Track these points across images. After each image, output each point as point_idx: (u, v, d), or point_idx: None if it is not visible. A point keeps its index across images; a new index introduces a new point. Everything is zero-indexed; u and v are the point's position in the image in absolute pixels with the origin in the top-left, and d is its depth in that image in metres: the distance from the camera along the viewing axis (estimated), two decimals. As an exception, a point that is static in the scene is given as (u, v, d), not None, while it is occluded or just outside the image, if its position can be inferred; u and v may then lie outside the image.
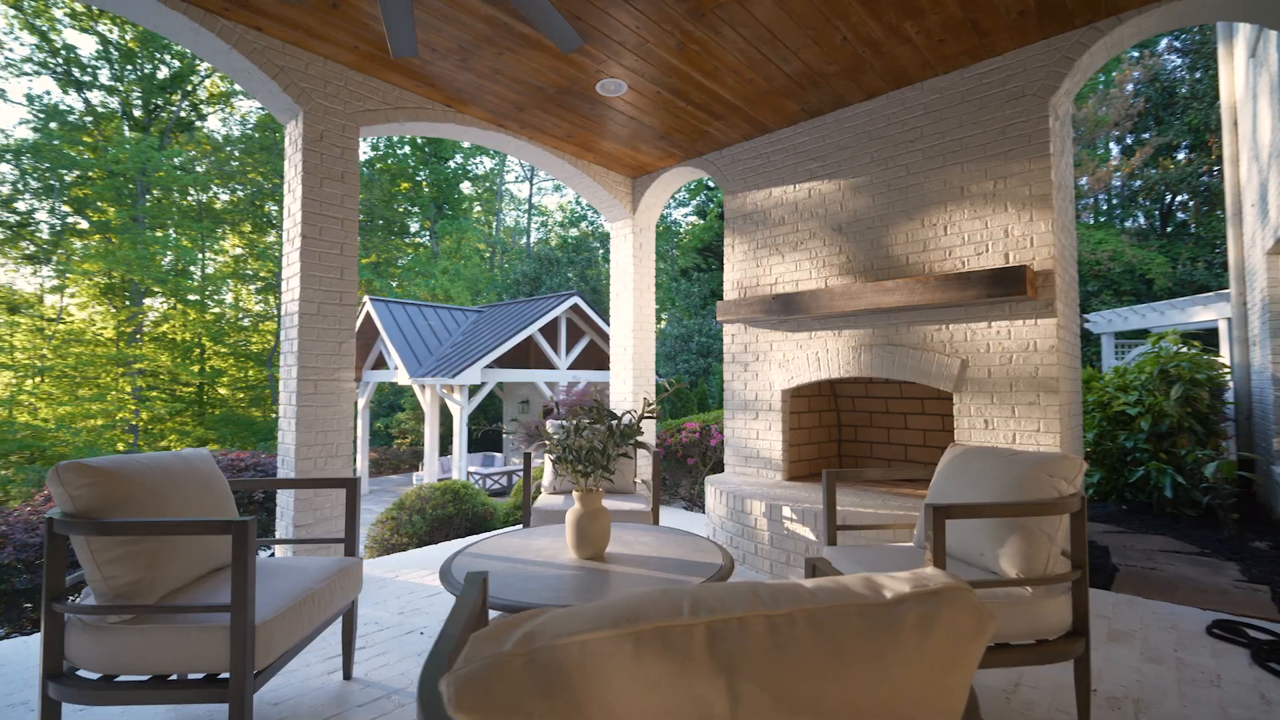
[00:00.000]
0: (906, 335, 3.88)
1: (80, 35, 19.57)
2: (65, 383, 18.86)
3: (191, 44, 3.27)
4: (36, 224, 19.77)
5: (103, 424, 18.57)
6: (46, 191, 19.43)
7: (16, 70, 18.83)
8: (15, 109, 25.49)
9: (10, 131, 19.34)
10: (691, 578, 2.03)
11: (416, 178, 25.47)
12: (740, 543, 3.96)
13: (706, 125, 4.57)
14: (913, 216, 3.91)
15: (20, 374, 18.68)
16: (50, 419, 18.07)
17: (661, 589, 0.76)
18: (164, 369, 20.10)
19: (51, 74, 19.32)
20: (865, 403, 4.80)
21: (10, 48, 18.64)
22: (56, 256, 19.53)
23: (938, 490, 2.58)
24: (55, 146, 18.81)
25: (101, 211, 19.81)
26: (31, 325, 19.54)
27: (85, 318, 20.56)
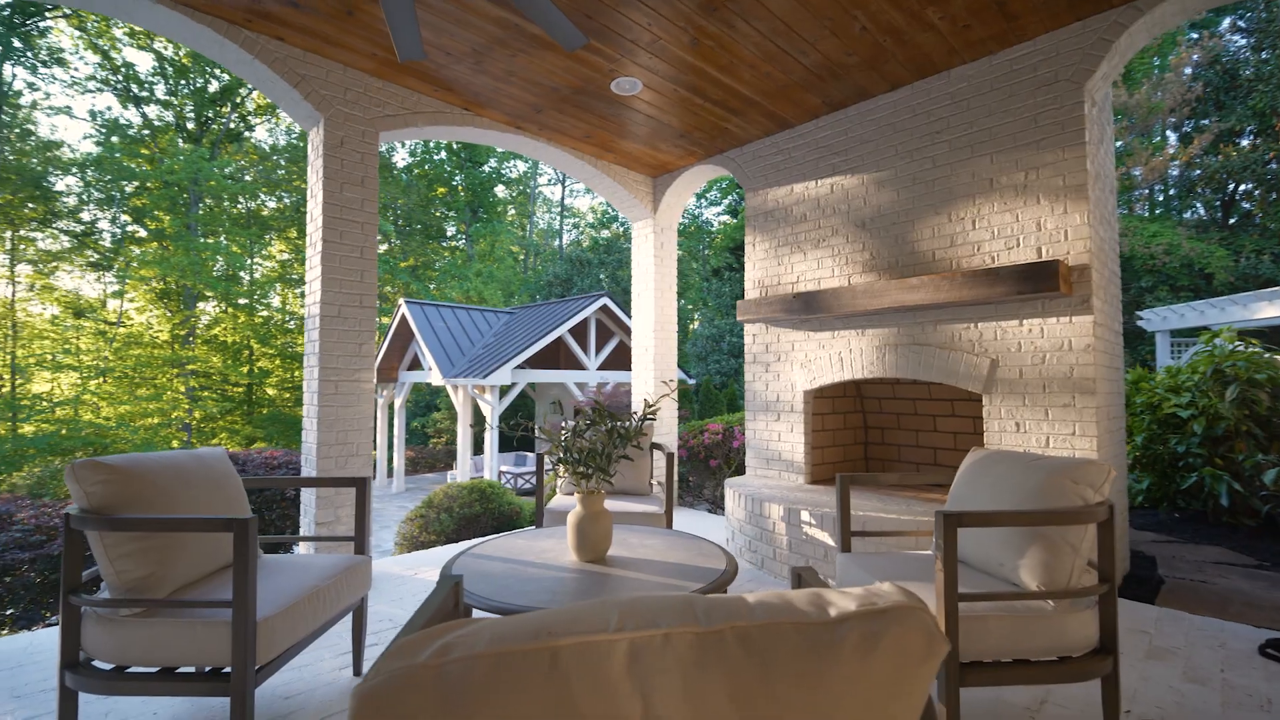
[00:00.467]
0: (933, 334, 3.74)
1: (138, 53, 20.62)
2: (125, 383, 19.92)
3: (218, 55, 3.38)
4: (99, 233, 20.93)
5: (159, 422, 19.53)
6: (108, 202, 20.55)
7: (81, 88, 19.95)
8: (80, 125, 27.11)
9: (76, 146, 20.49)
10: (689, 583, 1.98)
11: (453, 182, 25.99)
12: (759, 547, 3.88)
13: (725, 122, 4.50)
14: (939, 210, 3.76)
15: (85, 375, 19.81)
16: (111, 417, 19.09)
17: (600, 600, 0.72)
18: (215, 370, 20.99)
19: (112, 90, 20.40)
20: (892, 404, 4.64)
21: (75, 67, 19.76)
22: (117, 263, 20.63)
23: (957, 496, 2.46)
24: (116, 159, 19.86)
25: (158, 220, 20.84)
26: (95, 328, 20.70)
27: (143, 321, 21.68)
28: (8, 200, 18.54)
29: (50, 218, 19.87)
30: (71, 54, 19.44)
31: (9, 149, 18.61)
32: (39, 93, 19.43)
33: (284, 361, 22.62)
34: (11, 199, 18.72)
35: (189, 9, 3.12)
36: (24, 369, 19.87)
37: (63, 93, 22.82)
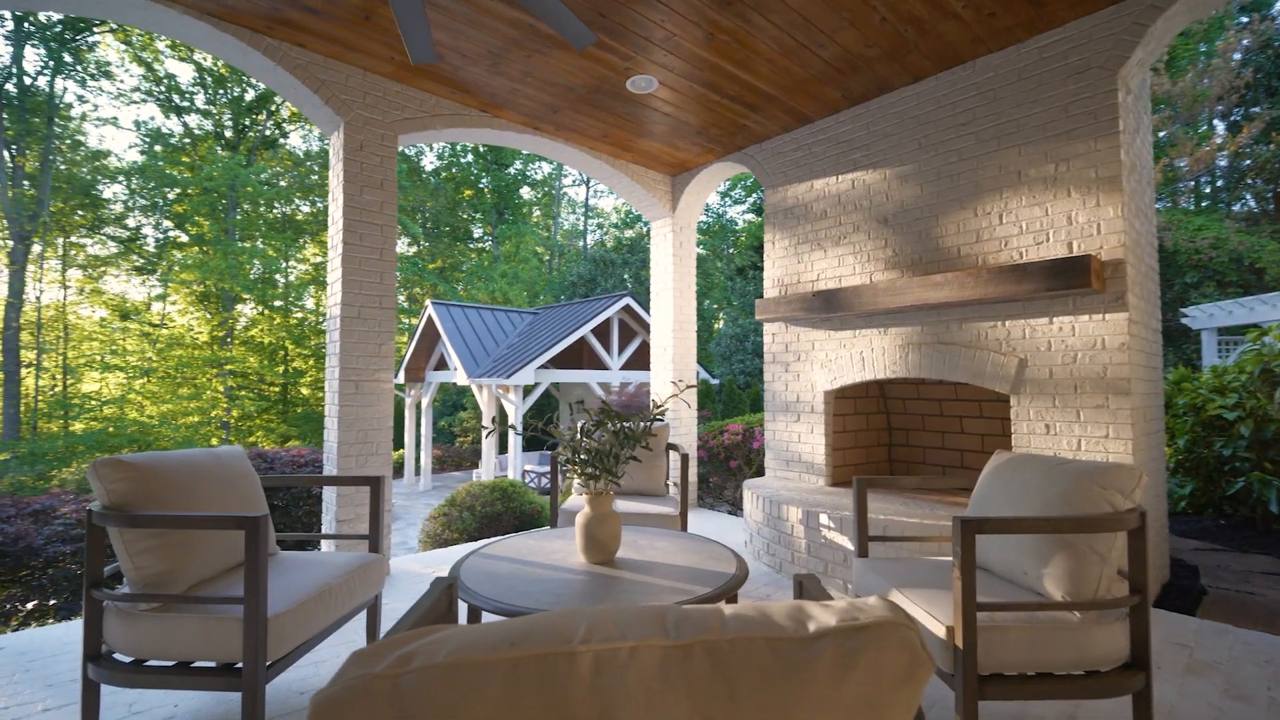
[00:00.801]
0: (958, 333, 3.62)
1: (179, 64, 21.32)
2: (168, 383, 20.65)
3: (243, 63, 3.46)
4: (144, 238, 21.75)
5: (198, 421, 20.21)
6: (152, 208, 21.33)
7: (127, 99, 20.74)
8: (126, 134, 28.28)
9: (122, 155, 21.31)
10: (697, 587, 1.95)
11: (479, 184, 26.31)
12: (777, 550, 3.81)
13: (744, 118, 4.44)
14: (965, 205, 3.64)
15: (131, 375, 20.60)
16: (155, 416, 19.81)
17: (564, 610, 0.70)
18: (252, 370, 21.61)
19: (155, 101, 21.16)
20: (917, 405, 4.52)
21: (121, 79, 20.56)
22: (160, 267, 21.41)
23: (979, 501, 2.38)
24: (159, 167, 20.61)
25: (198, 225, 21.57)
26: (140, 330, 21.52)
27: (184, 323, 22.47)
28: (59, 208, 19.40)
29: (98, 224, 20.72)
30: (118, 67, 20.22)
31: (61, 159, 19.46)
32: (88, 105, 20.31)
33: (317, 362, 23.18)
34: (63, 207, 19.58)
35: (214, 19, 3.19)
36: (74, 369, 20.77)
37: (110, 104, 23.81)
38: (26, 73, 18.16)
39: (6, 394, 18.10)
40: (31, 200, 18.26)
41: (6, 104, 17.61)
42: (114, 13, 3.06)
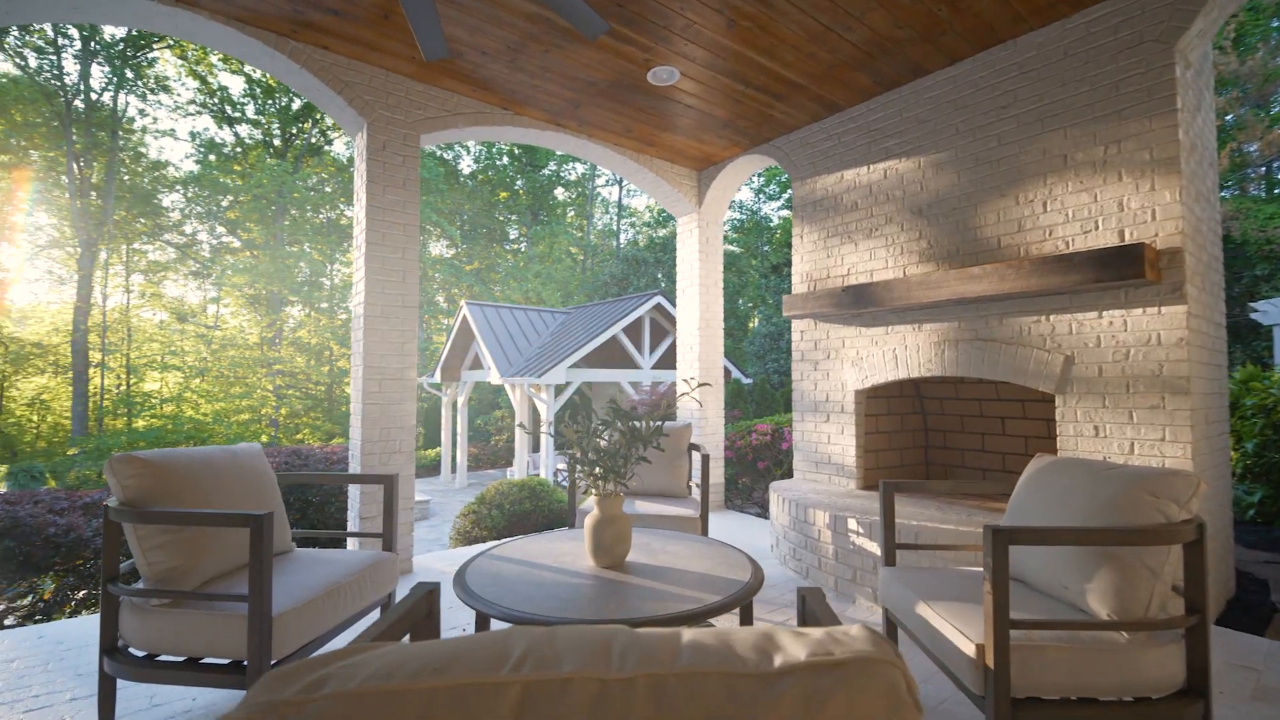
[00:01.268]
0: (998, 328, 3.42)
1: (231, 77, 22.23)
2: (221, 382, 21.58)
3: (269, 67, 3.53)
4: (199, 244, 22.79)
5: (249, 418, 21.06)
6: (207, 215, 22.32)
7: (183, 112, 21.73)
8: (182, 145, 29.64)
9: (179, 165, 22.35)
10: (707, 595, 1.86)
11: (514, 186, 26.63)
12: (804, 555, 3.67)
13: (770, 108, 4.30)
14: (1005, 193, 3.43)
15: (188, 374, 21.62)
16: (209, 414, 20.72)
17: (506, 630, 0.63)
18: (299, 370, 22.36)
19: (209, 113, 22.11)
20: (955, 405, 4.30)
21: (178, 93, 21.55)
22: (214, 272, 22.39)
23: (1016, 508, 2.21)
24: (213, 176, 21.55)
25: (249, 231, 22.48)
26: (196, 332, 22.55)
27: (236, 325, 23.45)
28: (122, 217, 20.49)
29: (158, 231, 21.81)
30: (175, 81, 21.21)
31: (124, 170, 20.55)
32: (148, 118, 21.33)
33: (360, 362, 23.80)
34: (126, 215, 20.66)
35: (240, 24, 3.25)
36: (137, 369, 21.91)
37: (168, 117, 24.96)
38: (93, 89, 19.21)
39: (76, 393, 19.21)
40: (97, 210, 19.32)
41: (75, 120, 18.65)
42: (143, 21, 3.14)
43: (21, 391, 20.70)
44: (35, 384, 20.89)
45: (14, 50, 17.59)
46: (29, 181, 18.88)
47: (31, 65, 17.76)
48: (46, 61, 18.03)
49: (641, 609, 1.74)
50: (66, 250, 20.00)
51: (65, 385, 20.43)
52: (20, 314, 21.28)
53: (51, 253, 20.37)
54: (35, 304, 22.04)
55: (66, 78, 18.28)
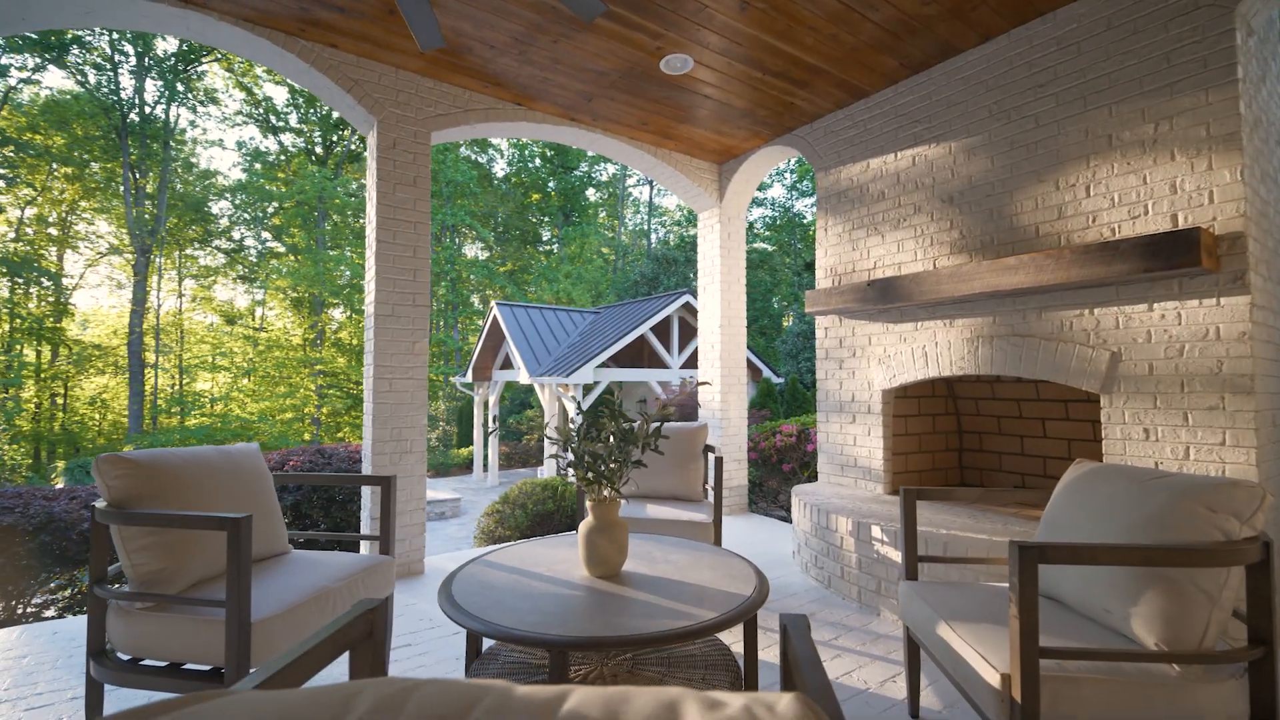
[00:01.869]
0: (1036, 323, 3.17)
1: (275, 87, 23.00)
2: (266, 382, 22.36)
3: (280, 66, 3.53)
4: (246, 249, 23.64)
5: (292, 417, 21.76)
6: (253, 222, 23.15)
7: (230, 122, 22.59)
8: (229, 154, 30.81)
9: (227, 174, 23.26)
10: (703, 611, 1.72)
11: (547, 188, 26.82)
12: (825, 563, 3.49)
13: (791, 96, 4.12)
14: (1043, 178, 3.18)
15: (235, 374, 22.47)
16: (255, 412, 21.48)
17: (359, 684, 0.52)
18: (340, 370, 22.97)
19: (255, 123, 22.92)
20: (991, 405, 4.04)
21: (225, 104, 22.42)
22: (260, 275, 23.21)
23: (1052, 520, 2.01)
24: (258, 184, 22.33)
25: (292, 236, 23.21)
26: (243, 334, 23.42)
27: (281, 327, 24.27)
28: (175, 224, 21.42)
29: (208, 238, 22.71)
30: (223, 93, 22.06)
31: (177, 180, 21.49)
32: (198, 129, 22.27)
33: (397, 362, 24.33)
34: (178, 223, 21.58)
35: (249, 24, 3.26)
36: (189, 369, 22.89)
37: (216, 127, 25.99)
38: (147, 103, 20.12)
39: (132, 392, 20.14)
40: (151, 218, 20.22)
41: (130, 132, 19.56)
42: (155, 24, 3.18)
43: (84, 391, 21.82)
44: (96, 384, 21.99)
45: (75, 68, 18.54)
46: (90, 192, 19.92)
47: (91, 81, 18.70)
48: (104, 77, 18.95)
49: (627, 626, 1.62)
50: (124, 257, 20.98)
51: (123, 385, 21.44)
52: (83, 318, 22.46)
53: (111, 259, 21.42)
54: (96, 308, 23.25)
55: (122, 92, 19.18)
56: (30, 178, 18.82)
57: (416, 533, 3.71)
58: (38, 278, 19.52)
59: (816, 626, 2.98)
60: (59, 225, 20.27)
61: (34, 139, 18.25)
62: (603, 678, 1.94)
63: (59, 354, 20.91)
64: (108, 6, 3.02)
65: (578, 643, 1.52)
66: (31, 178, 18.86)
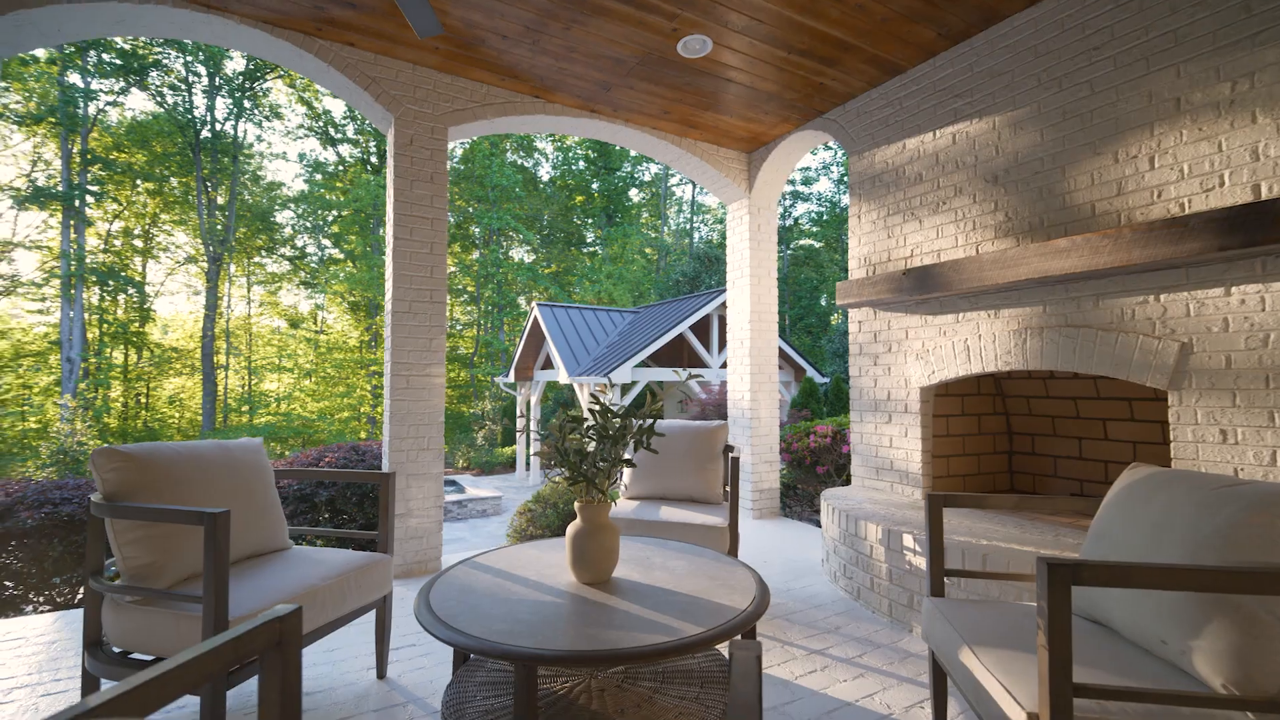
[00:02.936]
0: (1092, 312, 2.85)
1: (334, 101, 24.00)
2: (326, 382, 23.37)
3: (300, 67, 3.58)
4: (308, 256, 24.78)
5: (349, 415, 22.66)
6: (314, 230, 24.25)
7: (293, 136, 23.75)
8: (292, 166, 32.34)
9: (290, 185, 24.45)
10: (689, 626, 1.57)
11: (590, 189, 27.00)
12: (855, 573, 3.25)
13: (820, 76, 3.89)
14: (1100, 150, 2.86)
15: (298, 375, 23.61)
16: (315, 411, 22.48)
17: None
18: (393, 371, 23.60)
19: (315, 135, 24.01)
20: (1044, 404, 3.69)
21: (288, 119, 23.58)
22: (320, 281, 24.29)
23: (1101, 534, 1.75)
24: (319, 194, 23.38)
25: (349, 243, 24.18)
26: (305, 336, 24.57)
27: (339, 329, 25.34)
28: (244, 233, 22.68)
29: (274, 246, 23.94)
30: (286, 108, 23.22)
31: (246, 192, 22.76)
32: (264, 143, 23.51)
33: (450, 364, 25.05)
34: (246, 232, 22.84)
35: (269, 25, 3.31)
36: (256, 370, 24.20)
37: (280, 141, 27.40)
38: (217, 120, 21.38)
39: (205, 392, 21.43)
40: (222, 229, 21.47)
41: (203, 148, 20.82)
42: (184, 30, 3.26)
43: (164, 390, 23.34)
44: (175, 384, 23.48)
45: (155, 90, 19.87)
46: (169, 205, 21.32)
47: (168, 102, 20.00)
48: (180, 98, 20.25)
49: (602, 639, 1.49)
50: (199, 265, 22.33)
51: (198, 385, 22.81)
52: (164, 323, 24.05)
53: (188, 268, 22.84)
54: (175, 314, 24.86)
55: (195, 111, 20.44)
56: (117, 193, 20.29)
57: (433, 530, 3.68)
58: (124, 286, 21.02)
59: (841, 641, 2.76)
60: (142, 237, 21.76)
61: (119, 157, 19.67)
62: (589, 692, 1.81)
63: (142, 356, 22.44)
64: (137, 15, 3.11)
65: (543, 657, 1.40)
66: (118, 193, 20.33)
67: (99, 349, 20.30)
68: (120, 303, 21.59)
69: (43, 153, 18.30)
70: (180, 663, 0.84)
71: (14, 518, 4.06)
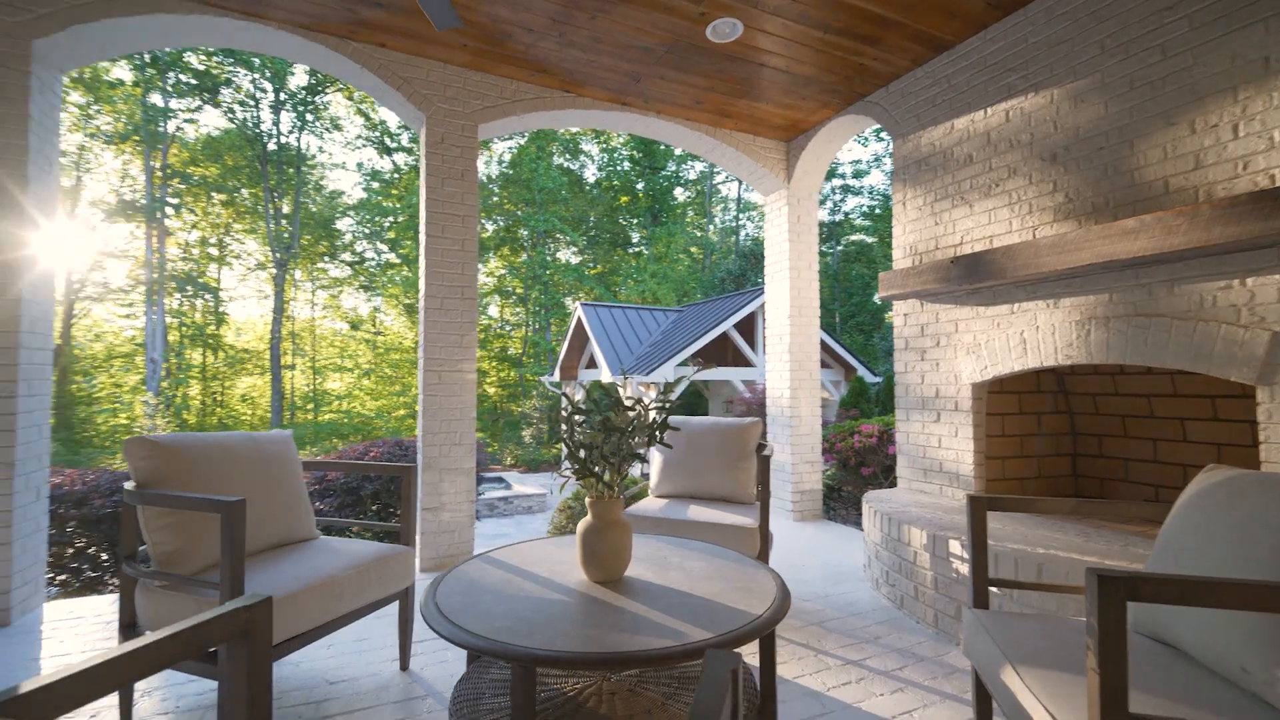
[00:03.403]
0: (1166, 299, 2.57)
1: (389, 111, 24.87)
2: (383, 381, 24.28)
3: (334, 70, 3.66)
4: (367, 261, 25.80)
5: (404, 413, 23.45)
6: (372, 236, 25.23)
7: (352, 146, 24.76)
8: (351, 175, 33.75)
9: (350, 193, 25.51)
10: (699, 631, 1.47)
11: (636, 189, 27.04)
12: (898, 580, 3.06)
13: (860, 55, 3.70)
14: (1173, 120, 2.58)
15: (358, 375, 24.62)
16: (373, 410, 23.38)
17: None
18: (446, 371, 24.27)
19: (372, 145, 24.97)
20: (1113, 402, 3.38)
21: (347, 130, 24.61)
22: (378, 285, 25.26)
23: (1169, 542, 1.55)
24: (376, 201, 24.31)
25: (405, 248, 25.04)
26: (364, 338, 25.61)
27: (396, 331, 26.28)
28: (307, 240, 23.83)
29: (335, 252, 25.04)
30: (345, 120, 24.26)
31: (309, 201, 23.91)
32: (325, 154, 24.63)
33: (499, 364, 25.61)
34: (311, 239, 23.99)
35: (305, 31, 3.40)
36: (320, 370, 25.38)
37: (340, 151, 28.58)
38: (282, 133, 22.54)
39: (273, 391, 22.62)
40: (288, 236, 22.61)
41: (269, 160, 21.99)
42: (227, 39, 3.39)
43: (237, 389, 24.75)
44: (246, 383, 24.87)
45: (226, 107, 21.12)
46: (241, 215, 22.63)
47: (238, 117, 21.22)
48: (248, 113, 21.45)
49: (603, 640, 1.41)
50: (268, 271, 23.58)
51: (267, 384, 24.09)
52: (236, 326, 25.53)
53: (258, 274, 24.16)
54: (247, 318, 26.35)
55: (262, 125, 21.60)
56: (194, 205, 21.67)
57: (465, 524, 3.70)
58: (200, 291, 22.42)
59: (882, 653, 2.59)
60: (217, 245, 23.15)
61: (196, 171, 21.01)
62: (600, 695, 1.74)
63: (217, 357, 23.87)
64: (183, 26, 3.25)
65: (539, 657, 1.34)
66: (195, 205, 21.71)
67: (179, 350, 21.74)
68: (197, 307, 23.05)
69: (129, 169, 19.74)
70: (145, 644, 0.82)
71: (89, 505, 4.34)
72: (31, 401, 2.89)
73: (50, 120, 3.06)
